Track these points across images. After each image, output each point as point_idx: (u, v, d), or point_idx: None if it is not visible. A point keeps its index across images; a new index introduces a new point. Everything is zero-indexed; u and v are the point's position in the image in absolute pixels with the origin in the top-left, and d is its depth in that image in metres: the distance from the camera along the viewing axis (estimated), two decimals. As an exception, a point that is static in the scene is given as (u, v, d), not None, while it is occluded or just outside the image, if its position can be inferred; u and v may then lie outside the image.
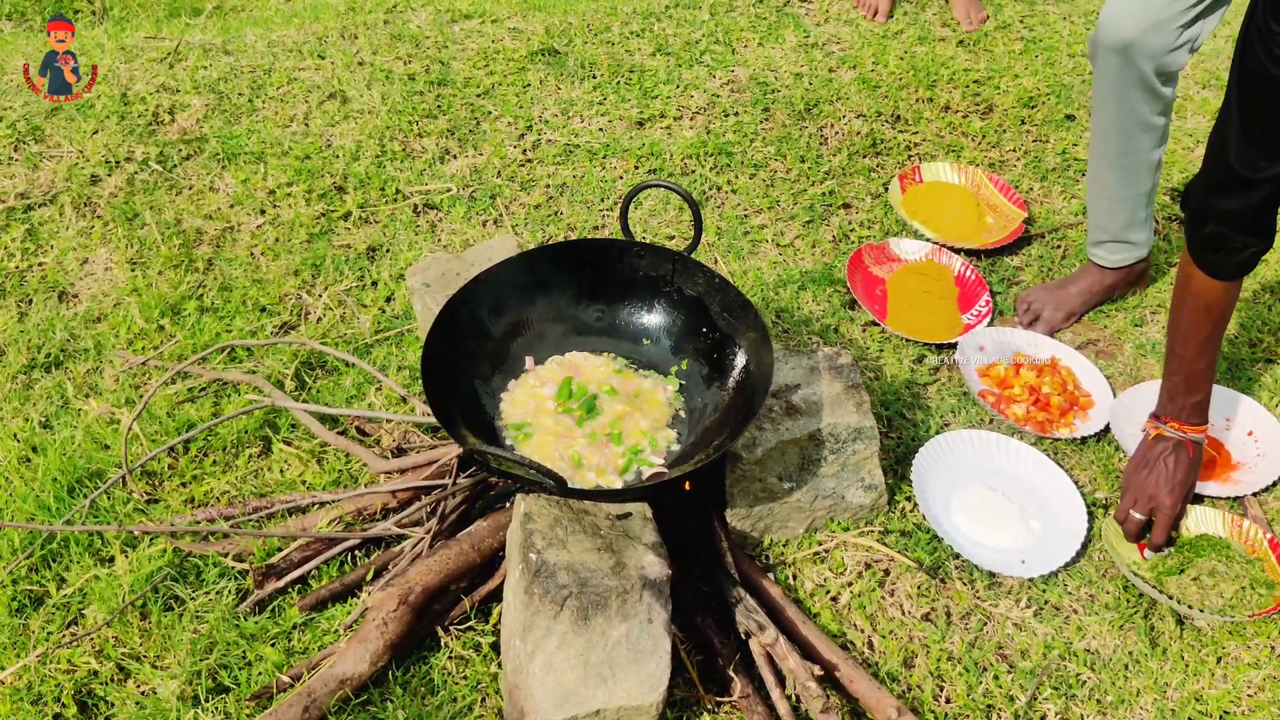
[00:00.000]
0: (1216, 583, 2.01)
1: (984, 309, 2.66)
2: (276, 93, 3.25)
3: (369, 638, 1.80)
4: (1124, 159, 2.43)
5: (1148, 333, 2.65)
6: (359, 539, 2.04)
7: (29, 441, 2.24)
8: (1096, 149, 2.47)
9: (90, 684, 1.84)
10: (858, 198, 3.03)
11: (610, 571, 1.74)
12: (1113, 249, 2.60)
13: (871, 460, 2.09)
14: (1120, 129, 2.38)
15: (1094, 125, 2.45)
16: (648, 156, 3.10)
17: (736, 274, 2.74)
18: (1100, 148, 2.46)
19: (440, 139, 3.13)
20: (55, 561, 2.02)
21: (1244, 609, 1.98)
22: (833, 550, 2.10)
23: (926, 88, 3.39)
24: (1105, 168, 2.47)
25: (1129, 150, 2.41)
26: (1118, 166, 2.45)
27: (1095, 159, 2.50)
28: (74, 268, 2.70)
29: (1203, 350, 2.02)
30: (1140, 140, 2.39)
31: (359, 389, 2.39)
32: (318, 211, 2.87)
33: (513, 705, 1.73)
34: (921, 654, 1.95)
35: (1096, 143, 2.46)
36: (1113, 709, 1.89)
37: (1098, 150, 2.47)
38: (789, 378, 2.13)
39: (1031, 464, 2.28)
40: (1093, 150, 2.49)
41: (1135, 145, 2.40)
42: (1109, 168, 2.47)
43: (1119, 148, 2.41)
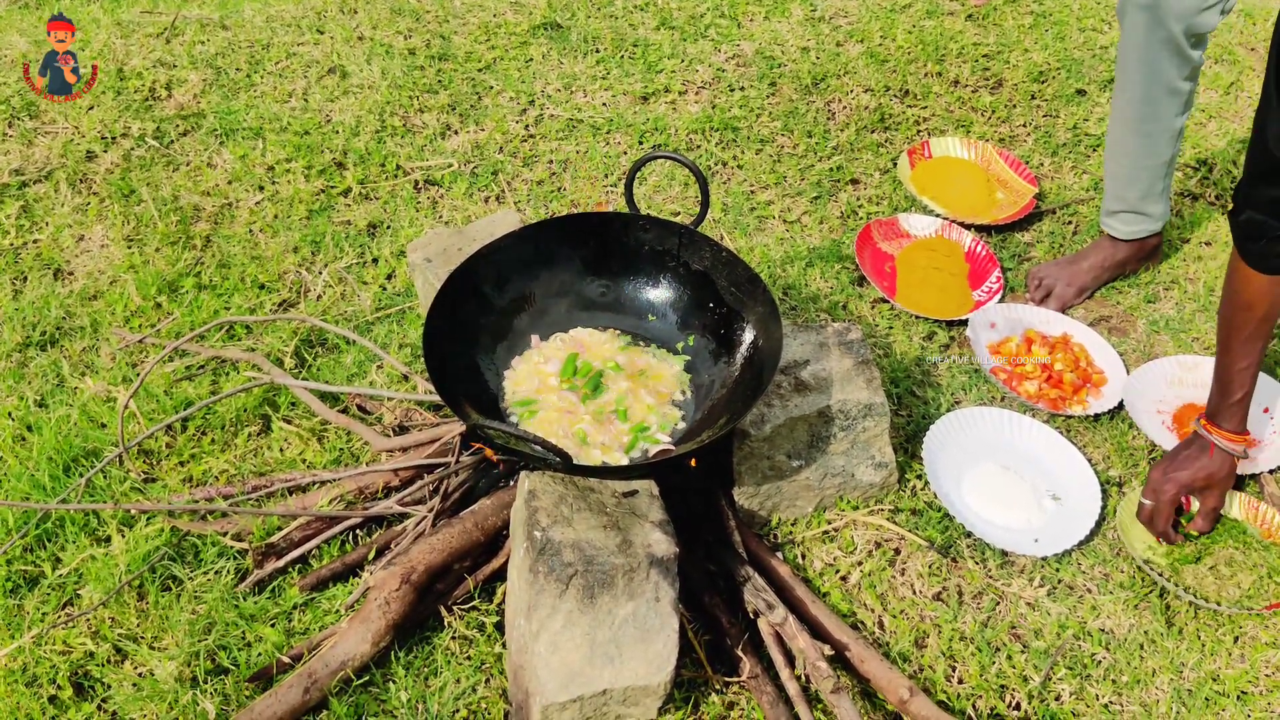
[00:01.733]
0: (1234, 572, 1.97)
1: (995, 285, 2.62)
2: (275, 68, 3.21)
3: (371, 618, 1.77)
4: (1146, 124, 2.38)
5: (1161, 309, 2.60)
6: (360, 518, 2.00)
7: (24, 420, 2.21)
8: (1119, 113, 2.42)
9: (86, 665, 1.81)
10: (866, 173, 2.98)
11: (616, 549, 1.71)
12: (1127, 220, 2.55)
13: (882, 437, 2.05)
14: (1145, 93, 2.32)
15: (1117, 89, 2.39)
16: (652, 131, 3.05)
17: (743, 250, 2.69)
18: (1123, 112, 2.40)
19: (441, 114, 3.08)
20: (51, 541, 1.98)
21: (1262, 599, 1.94)
22: (842, 529, 2.06)
23: (935, 62, 3.34)
24: (1127, 133, 2.42)
25: (1152, 115, 2.35)
26: (1140, 132, 2.40)
27: (1117, 124, 2.44)
28: (70, 245, 2.66)
29: (1242, 350, 1.93)
30: (1165, 105, 2.33)
31: (360, 367, 2.35)
32: (317, 188, 2.82)
33: (517, 686, 1.70)
34: (933, 634, 1.91)
35: (1120, 107, 2.41)
36: (1128, 689, 1.86)
37: (1120, 115, 2.42)
38: (798, 353, 2.09)
39: (1044, 441, 2.24)
40: (1114, 115, 2.44)
41: (1159, 110, 2.34)
42: (1131, 133, 2.41)
43: (1142, 112, 2.36)
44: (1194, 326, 2.55)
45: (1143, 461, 2.24)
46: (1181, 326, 2.55)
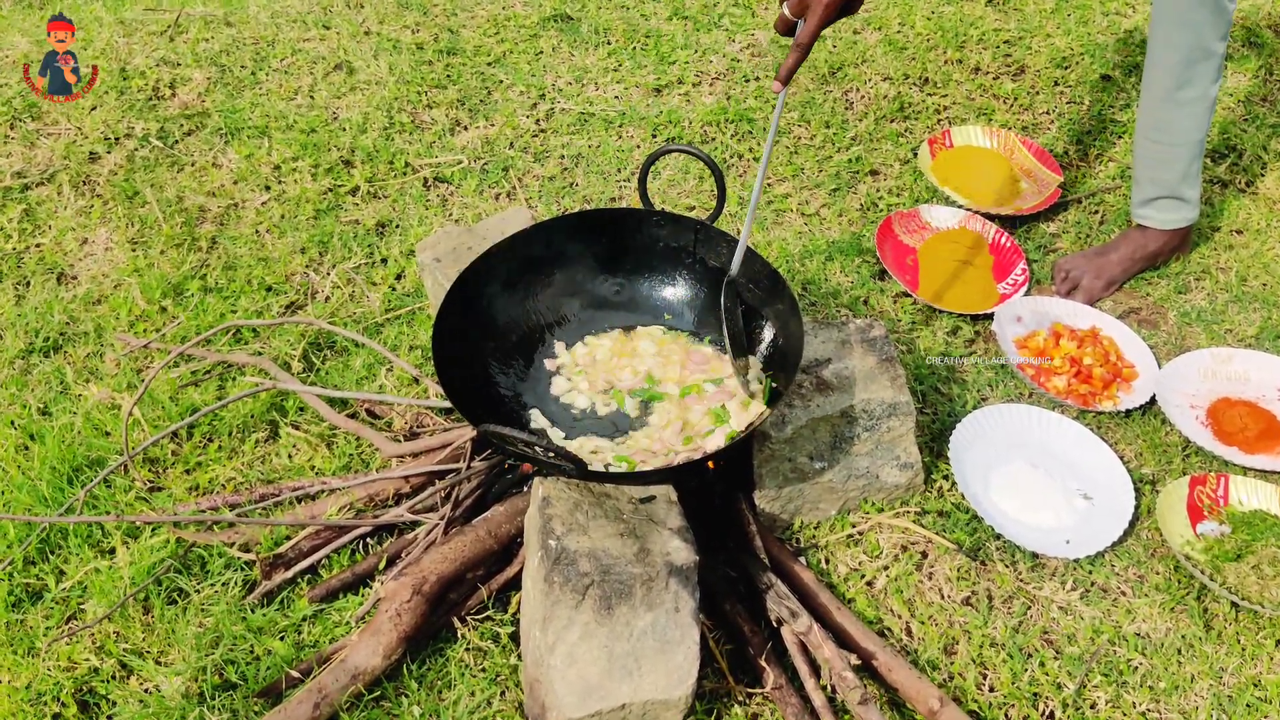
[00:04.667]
0: (1277, 572, 1.90)
1: (1020, 278, 2.54)
2: (280, 65, 3.15)
3: (382, 629, 1.72)
4: (1183, 91, 2.32)
5: (1192, 300, 2.52)
6: (370, 526, 1.95)
7: (27, 429, 2.16)
8: (1153, 88, 2.36)
9: (91, 681, 1.76)
10: (886, 164, 2.91)
11: (634, 558, 1.65)
12: (1164, 207, 2.47)
13: (907, 437, 1.99)
14: (1181, 56, 2.27)
15: (1149, 62, 2.34)
16: (666, 124, 2.98)
17: (760, 245, 2.63)
18: (1158, 82, 2.34)
19: (450, 110, 3.02)
20: (54, 554, 1.94)
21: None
22: (867, 532, 1.99)
23: (955, 49, 3.26)
24: (1163, 106, 2.36)
25: (1188, 81, 2.30)
26: (1175, 101, 2.33)
27: (1150, 99, 2.38)
28: (73, 248, 2.61)
29: None
30: (1200, 69, 2.28)
31: (369, 370, 2.30)
32: (324, 187, 2.77)
33: (533, 699, 1.65)
34: (963, 640, 1.85)
35: (1154, 78, 2.34)
36: (1166, 696, 1.79)
37: (1155, 87, 2.35)
38: (819, 351, 2.02)
39: (1074, 439, 2.17)
40: (1147, 90, 2.38)
41: (1195, 75, 2.29)
42: (1166, 104, 2.35)
43: (1178, 79, 2.30)
44: (1227, 318, 2.47)
45: (1176, 458, 2.16)
46: (1214, 318, 2.47)
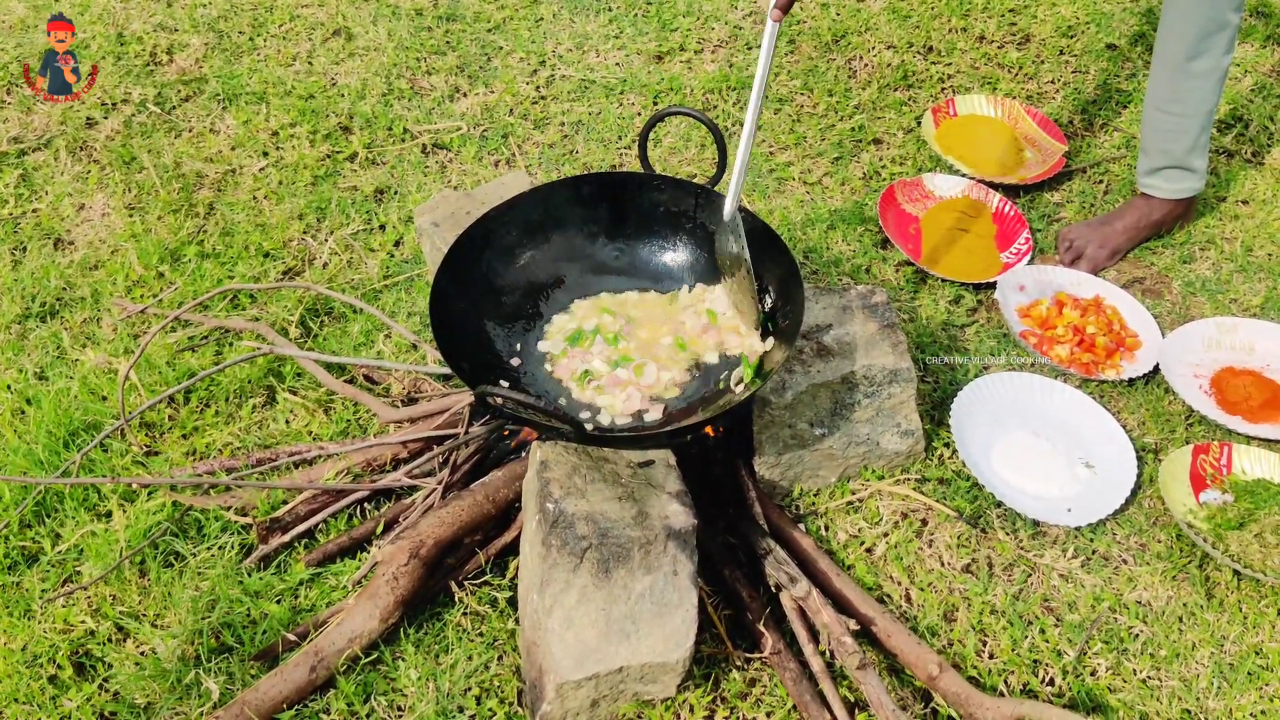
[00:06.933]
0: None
1: (1023, 247, 2.52)
2: (278, 30, 3.12)
3: (379, 593, 1.71)
4: (1196, 62, 2.29)
5: (1197, 269, 2.50)
6: (368, 491, 1.94)
7: (23, 393, 2.15)
8: (1165, 57, 2.33)
9: (87, 644, 1.76)
10: (889, 132, 2.88)
11: (632, 521, 1.64)
12: (1172, 176, 2.44)
13: (908, 404, 1.97)
14: (1197, 27, 2.24)
15: (1163, 29, 2.31)
16: (667, 91, 2.95)
17: (762, 213, 2.60)
18: (1171, 53, 2.31)
19: (449, 76, 2.99)
20: (50, 517, 1.93)
21: None
22: (867, 499, 1.98)
23: (960, 17, 3.22)
24: (1175, 77, 2.33)
25: (1201, 51, 2.27)
26: (1188, 72, 2.30)
27: (1162, 69, 2.35)
28: (70, 214, 2.60)
29: None
30: (1214, 40, 2.25)
31: (367, 336, 2.28)
32: (322, 153, 2.75)
33: (531, 663, 1.64)
34: (963, 607, 1.84)
35: (1167, 48, 2.32)
36: (1167, 663, 1.78)
37: (1167, 57, 2.32)
38: (820, 317, 2.00)
39: (1076, 407, 2.16)
40: (1159, 60, 2.35)
41: (1209, 46, 2.26)
42: (1178, 75, 2.32)
43: (1192, 49, 2.27)
44: (1231, 287, 2.45)
45: (1180, 428, 2.15)
46: (1219, 288, 2.45)
